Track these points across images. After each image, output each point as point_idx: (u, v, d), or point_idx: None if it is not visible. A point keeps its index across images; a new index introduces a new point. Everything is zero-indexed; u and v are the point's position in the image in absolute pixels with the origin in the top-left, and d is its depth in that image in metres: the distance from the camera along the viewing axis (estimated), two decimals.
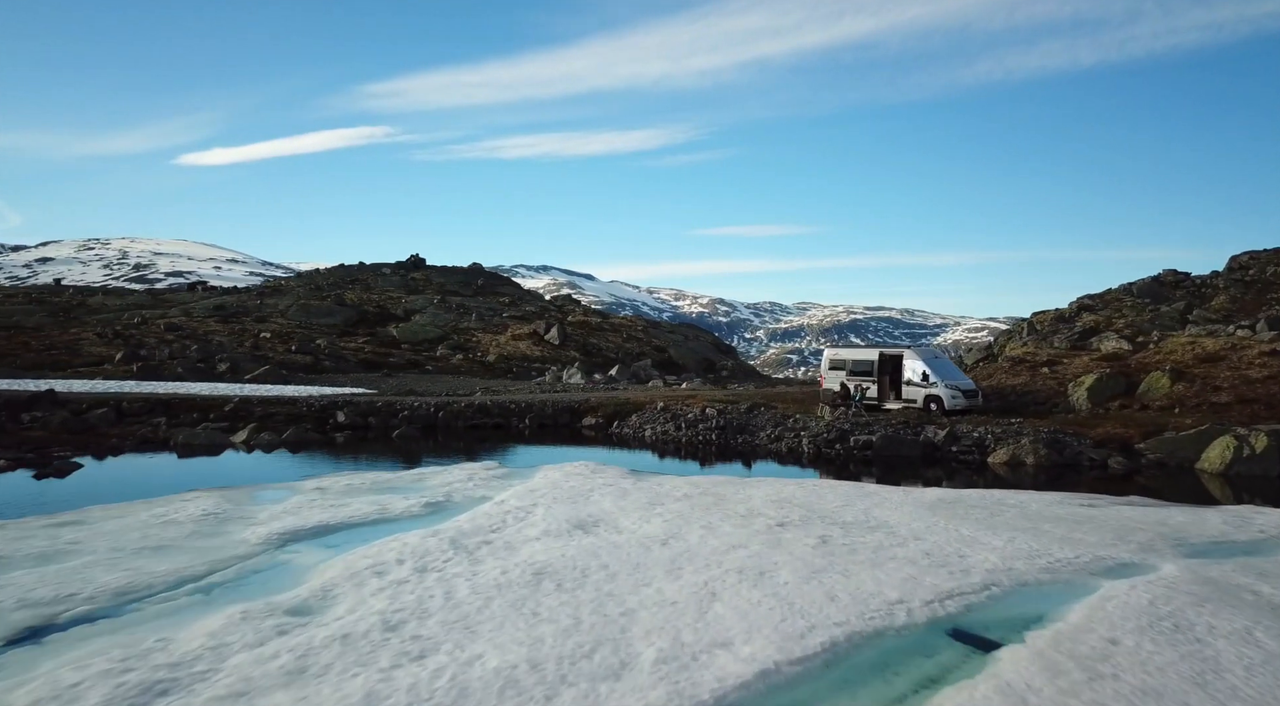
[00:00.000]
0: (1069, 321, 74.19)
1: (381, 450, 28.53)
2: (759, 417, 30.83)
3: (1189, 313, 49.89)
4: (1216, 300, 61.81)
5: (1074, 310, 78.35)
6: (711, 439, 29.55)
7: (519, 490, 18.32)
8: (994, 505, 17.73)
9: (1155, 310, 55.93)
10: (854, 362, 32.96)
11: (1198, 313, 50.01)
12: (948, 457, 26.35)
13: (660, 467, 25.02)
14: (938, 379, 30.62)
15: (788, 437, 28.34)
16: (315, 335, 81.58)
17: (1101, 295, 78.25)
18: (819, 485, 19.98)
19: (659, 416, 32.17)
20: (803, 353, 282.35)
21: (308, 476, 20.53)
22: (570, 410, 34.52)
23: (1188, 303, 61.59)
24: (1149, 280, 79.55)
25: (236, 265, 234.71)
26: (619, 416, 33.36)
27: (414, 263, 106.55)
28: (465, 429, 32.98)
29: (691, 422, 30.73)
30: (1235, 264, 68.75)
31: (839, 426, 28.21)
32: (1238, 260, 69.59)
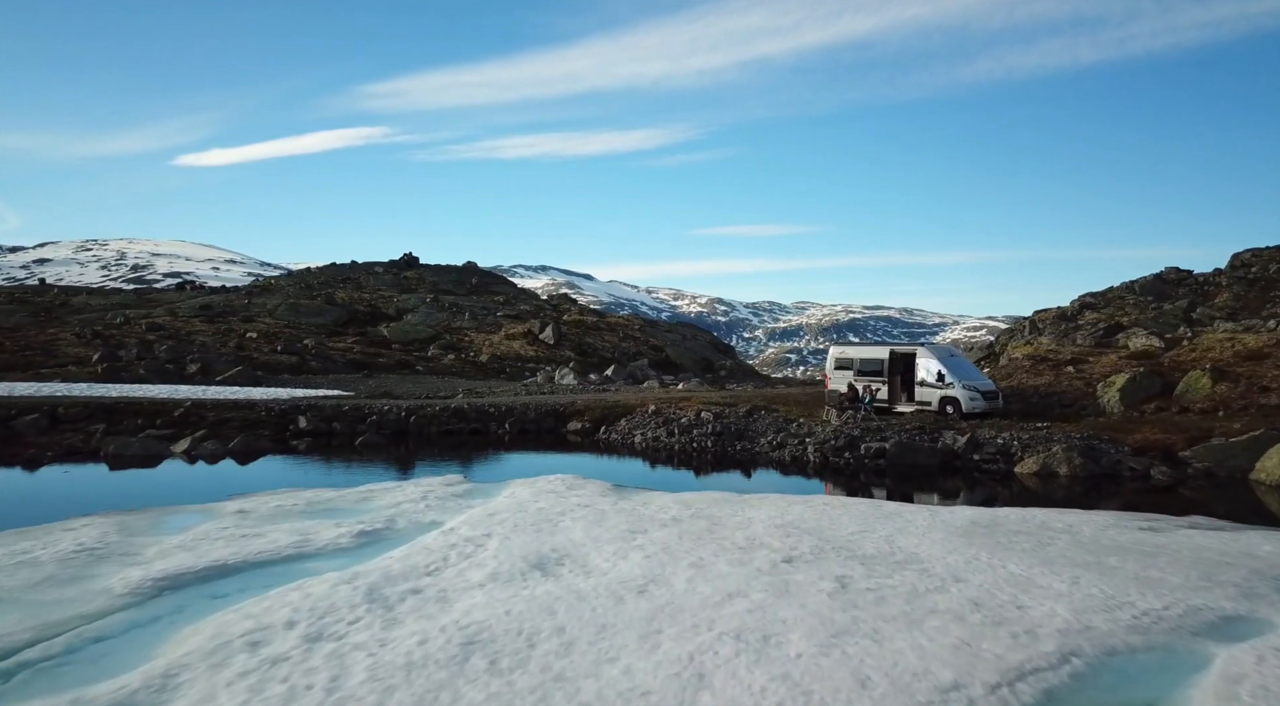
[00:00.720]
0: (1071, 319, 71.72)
1: (341, 460, 25.57)
2: (759, 422, 27.87)
3: (1192, 310, 48.39)
4: (1220, 298, 60.14)
5: (1076, 308, 75.82)
6: (707, 446, 26.57)
7: (477, 514, 15.33)
8: (1039, 530, 14.77)
9: (1158, 308, 52.60)
10: (862, 362, 29.98)
11: (1201, 310, 48.34)
12: (969, 467, 23.39)
13: (648, 480, 22.03)
14: (954, 379, 27.66)
15: (791, 445, 25.36)
16: (303, 335, 78.68)
17: (1103, 293, 76.06)
18: (829, 504, 17.01)
19: (650, 421, 29.20)
20: (801, 352, 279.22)
21: (237, 495, 17.53)
22: (554, 414, 31.55)
23: (1191, 300, 59.90)
24: (1151, 278, 77.56)
25: (235, 266, 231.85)
26: (607, 421, 30.39)
27: (407, 261, 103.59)
28: (439, 435, 30.01)
29: (685, 428, 27.75)
30: (1238, 261, 67.45)
31: (848, 432, 25.24)
32: (1240, 258, 68.31)
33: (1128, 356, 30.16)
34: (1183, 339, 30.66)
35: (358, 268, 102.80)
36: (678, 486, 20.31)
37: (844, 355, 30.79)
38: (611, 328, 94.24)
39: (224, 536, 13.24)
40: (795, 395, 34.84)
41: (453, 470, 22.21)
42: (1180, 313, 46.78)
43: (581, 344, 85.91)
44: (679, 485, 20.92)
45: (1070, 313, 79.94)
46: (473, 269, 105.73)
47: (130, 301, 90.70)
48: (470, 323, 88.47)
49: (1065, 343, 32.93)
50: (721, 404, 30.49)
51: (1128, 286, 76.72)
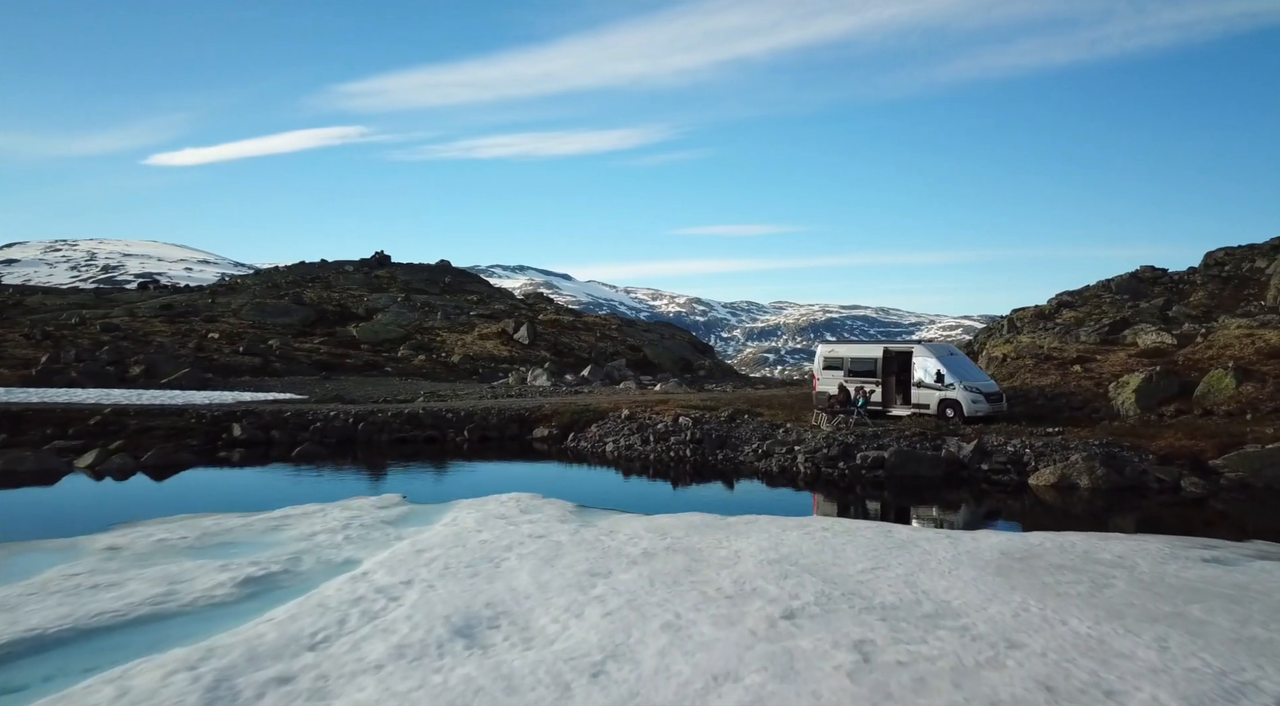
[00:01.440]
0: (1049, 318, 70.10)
1: (272, 474, 22.52)
2: (742, 428, 25.06)
3: (1168, 309, 47.22)
4: (1195, 296, 60.22)
5: (1054, 307, 74.41)
6: (685, 455, 23.70)
7: (403, 549, 12.37)
8: (1086, 564, 12.04)
9: (1135, 306, 51.67)
10: (853, 361, 27.27)
11: (1177, 309, 47.28)
12: (977, 478, 20.70)
13: (618, 497, 19.14)
14: (955, 380, 25.01)
15: (778, 454, 22.55)
16: (269, 336, 75.21)
17: (1080, 292, 74.78)
18: (830, 530, 14.20)
19: (623, 427, 26.31)
20: (779, 352, 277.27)
21: (121, 524, 14.46)
22: (519, 419, 28.58)
23: (1166, 299, 59.24)
24: (1127, 276, 76.78)
25: (208, 266, 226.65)
26: (576, 427, 27.47)
27: (378, 260, 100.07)
28: (390, 443, 26.94)
29: (661, 435, 24.87)
30: (1211, 260, 65.77)
31: (841, 439, 22.49)
32: (1213, 256, 67.26)
33: (1137, 354, 27.64)
34: (1196, 335, 28.17)
35: (327, 266, 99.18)
36: (652, 505, 17.45)
37: (834, 354, 28.04)
38: (588, 327, 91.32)
39: (66, 587, 10.20)
40: (780, 397, 32.11)
41: (394, 487, 19.18)
42: (1157, 311, 45.97)
43: (557, 344, 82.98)
44: (654, 503, 18.06)
45: (1048, 311, 78.70)
46: (446, 268, 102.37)
47: (88, 301, 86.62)
48: (443, 322, 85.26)
49: (1068, 339, 30.38)
50: (701, 407, 27.67)
51: (1104, 285, 75.64)
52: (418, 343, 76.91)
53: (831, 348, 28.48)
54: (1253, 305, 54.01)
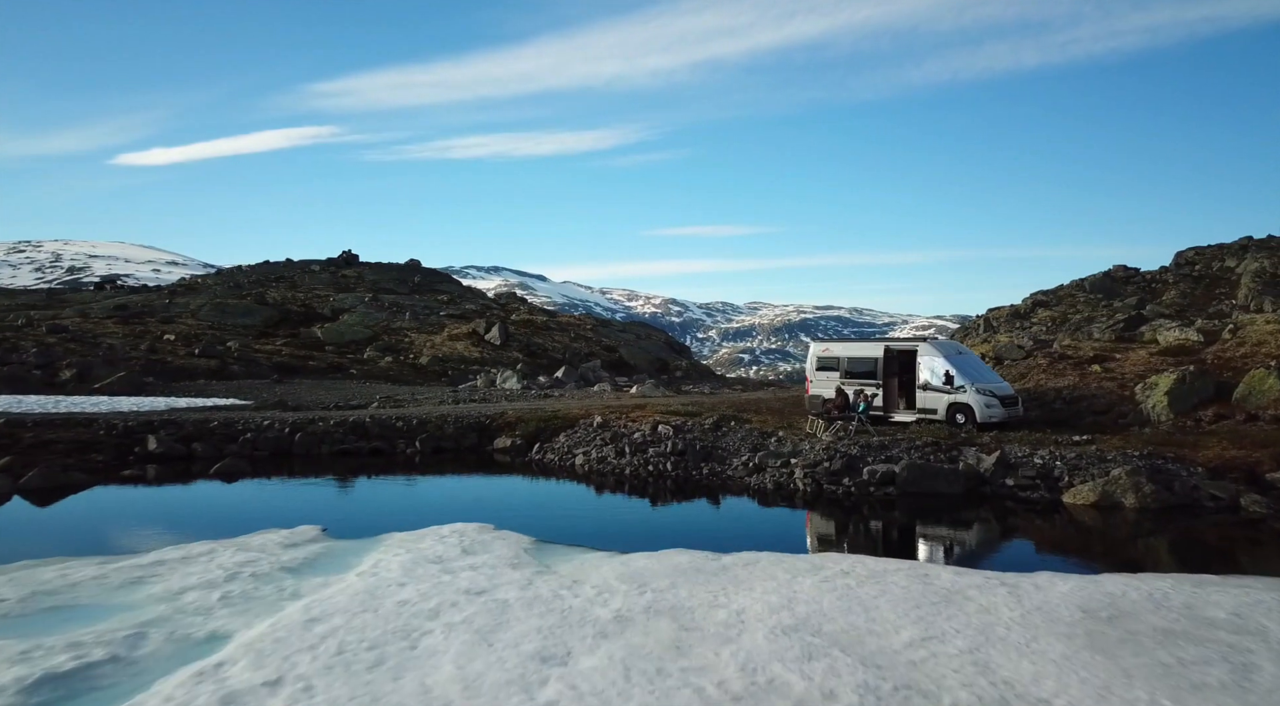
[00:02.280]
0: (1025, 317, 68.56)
1: (180, 495, 19.06)
2: (729, 437, 21.88)
3: (1142, 307, 46.90)
4: (1168, 295, 57.22)
5: (1029, 306, 72.95)
6: (666, 469, 20.46)
7: (292, 617, 9.03)
8: (1197, 627, 9.00)
9: (1109, 305, 51.61)
10: (851, 361, 24.21)
11: (1151, 307, 46.94)
12: (1001, 495, 17.69)
13: (588, 525, 15.88)
14: (965, 382, 22.04)
15: (772, 467, 19.38)
16: (228, 337, 71.22)
17: (1054, 291, 73.25)
18: (850, 572, 11.07)
19: (595, 437, 23.03)
20: (754, 352, 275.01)
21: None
22: (478, 428, 25.21)
23: (1140, 298, 58.86)
24: (1100, 276, 75.88)
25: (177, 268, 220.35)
26: (542, 436, 24.16)
27: (346, 259, 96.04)
28: (331, 456, 23.47)
29: (639, 446, 21.61)
30: (1182, 259, 64.57)
31: (842, 450, 19.38)
32: (1184, 256, 65.13)
33: (1160, 352, 24.85)
34: (1223, 331, 25.43)
35: (293, 266, 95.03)
36: (628, 537, 14.23)
37: (828, 354, 24.95)
38: (563, 327, 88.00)
39: None
40: (767, 401, 29.02)
41: (318, 513, 15.76)
42: (1130, 309, 45.58)
43: (530, 344, 79.59)
44: (630, 533, 14.85)
45: (1024, 310, 77.11)
46: (416, 267, 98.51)
47: (39, 302, 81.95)
48: (411, 323, 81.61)
49: (1080, 336, 27.56)
50: (682, 414, 24.50)
51: (1078, 284, 74.44)
52: (385, 344, 73.37)
53: (826, 346, 25.36)
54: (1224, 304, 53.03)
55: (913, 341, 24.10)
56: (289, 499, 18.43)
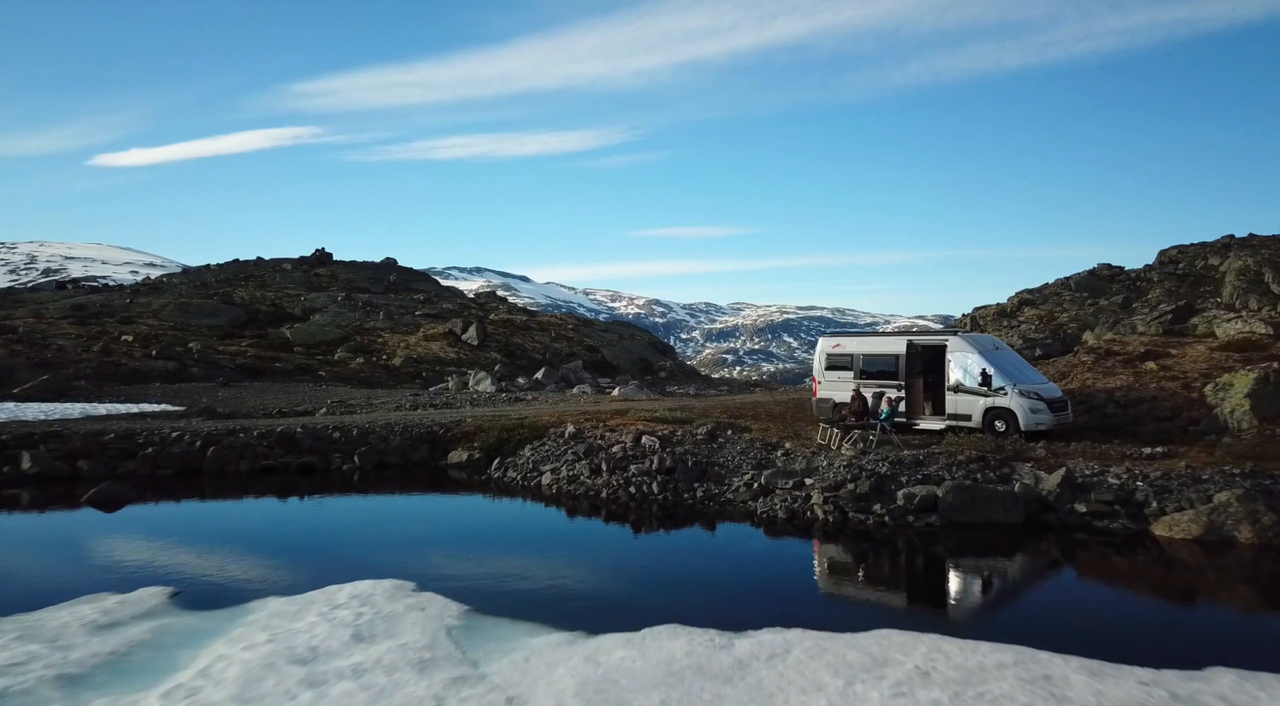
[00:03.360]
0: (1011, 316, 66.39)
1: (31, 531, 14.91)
2: (727, 451, 17.85)
3: (1128, 306, 44.94)
4: (1153, 293, 58.98)
5: (1015, 304, 70.28)
6: (651, 491, 16.42)
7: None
8: None
9: (1095, 304, 50.95)
10: (866, 359, 20.29)
11: (1137, 306, 44.52)
12: (1070, 524, 13.81)
13: (544, 579, 11.79)
14: (1005, 382, 18.17)
15: (783, 489, 15.40)
16: (191, 338, 66.68)
17: (1040, 289, 71.10)
18: (931, 675, 7.14)
19: (565, 450, 18.92)
20: (738, 352, 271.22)
21: None
22: (430, 439, 21.07)
23: (1125, 296, 57.61)
24: (1085, 274, 74.84)
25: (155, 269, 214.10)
26: (505, 449, 20.07)
27: (319, 258, 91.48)
28: (250, 474, 19.25)
29: (619, 462, 17.52)
30: (1165, 258, 64.59)
31: (869, 468, 15.44)
32: (1167, 254, 67.45)
33: (1222, 347, 21.12)
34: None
35: (263, 264, 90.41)
36: (598, 598, 10.25)
37: (840, 351, 20.98)
38: (543, 327, 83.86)
39: None
40: (764, 405, 25.09)
41: (178, 566, 11.63)
42: (1117, 308, 44.34)
43: (509, 345, 75.38)
44: (601, 594, 10.85)
45: (1010, 308, 74.73)
46: (391, 265, 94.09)
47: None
48: (385, 323, 77.27)
49: (1122, 329, 23.81)
50: (670, 421, 20.49)
51: (1063, 283, 72.33)
52: (356, 345, 69.07)
53: (837, 342, 21.33)
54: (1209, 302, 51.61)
55: (941, 334, 20.17)
56: (158, 538, 14.11)
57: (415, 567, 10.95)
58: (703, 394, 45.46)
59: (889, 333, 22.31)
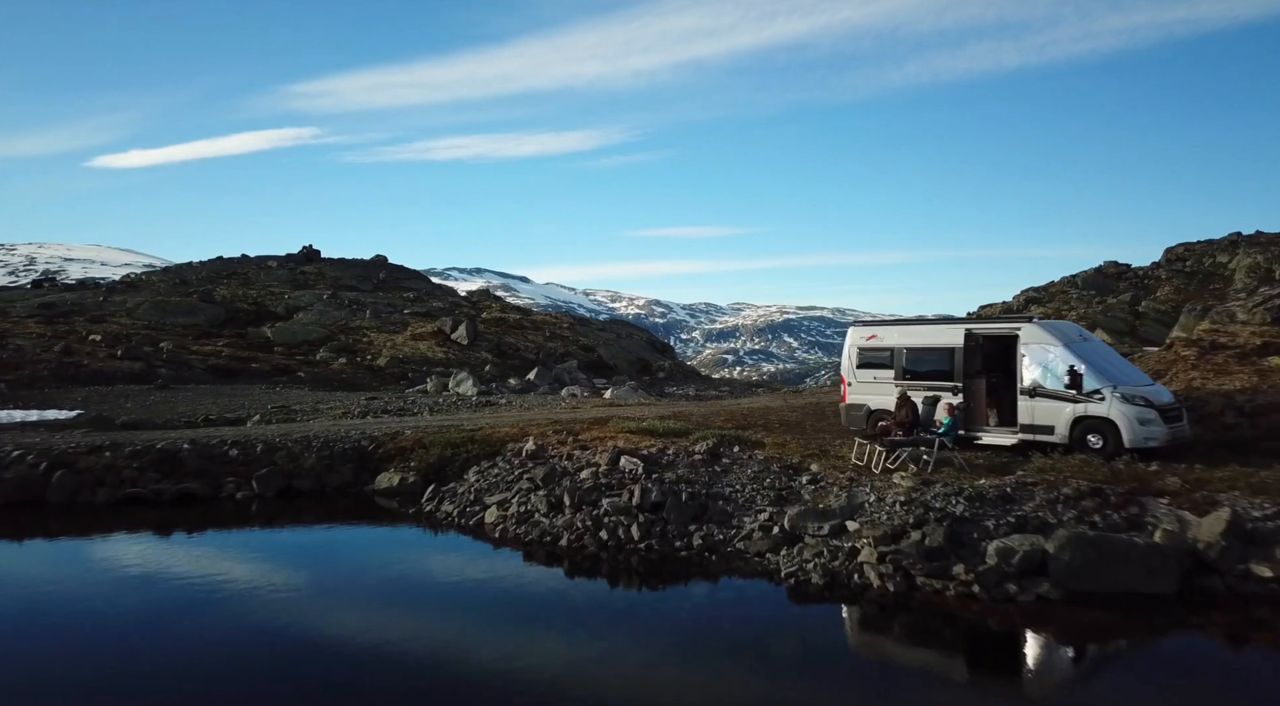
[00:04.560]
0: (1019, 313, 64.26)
1: None
2: (736, 478, 13.01)
3: (1136, 304, 44.96)
4: (1161, 291, 56.31)
5: (1021, 303, 67.24)
6: (630, 536, 11.61)
7: None
8: None
9: (1102, 302, 51.18)
10: (912, 355, 15.50)
11: (1146, 303, 44.89)
12: (1246, 594, 9.10)
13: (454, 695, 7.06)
14: (1103, 383, 13.41)
15: (816, 538, 10.56)
16: (165, 337, 61.96)
17: (1045, 288, 68.17)
18: None
19: (519, 476, 14.06)
20: (738, 353, 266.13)
21: None
22: (357, 456, 16.30)
23: (1134, 294, 55.53)
24: (1092, 272, 72.72)
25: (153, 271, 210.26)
26: (448, 470, 15.29)
27: (306, 255, 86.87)
28: (111, 505, 14.51)
29: (586, 495, 12.64)
30: (1172, 255, 62.42)
31: (937, 506, 10.66)
32: (1173, 252, 62.86)
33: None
34: None
35: (248, 262, 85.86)
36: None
37: (876, 344, 16.14)
38: (536, 326, 79.10)
39: None
40: (777, 410, 20.29)
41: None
42: (1125, 306, 44.13)
43: (501, 344, 70.57)
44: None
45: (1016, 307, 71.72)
46: (381, 263, 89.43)
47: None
48: (372, 322, 72.55)
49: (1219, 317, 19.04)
50: (661, 434, 15.69)
51: (1069, 281, 69.08)
52: (340, 344, 64.37)
53: (873, 333, 16.41)
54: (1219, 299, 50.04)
55: (1009, 321, 15.30)
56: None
57: (244, 672, 6.23)
58: (703, 396, 40.81)
59: (940, 320, 17.43)
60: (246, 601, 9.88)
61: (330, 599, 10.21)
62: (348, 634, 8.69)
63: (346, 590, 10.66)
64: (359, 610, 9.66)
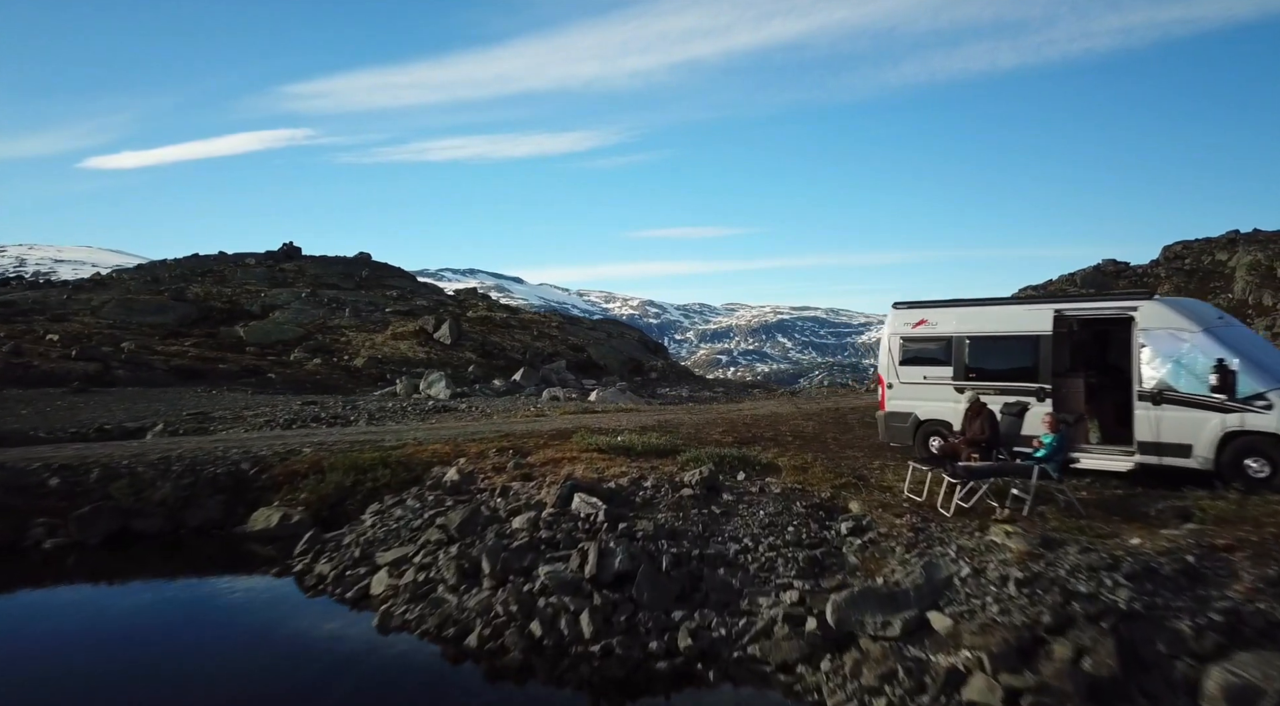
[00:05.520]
0: None
1: None
2: (740, 526, 8.62)
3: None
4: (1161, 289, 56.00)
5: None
6: (578, 629, 7.24)
7: None
8: None
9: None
10: (978, 345, 11.18)
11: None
12: None
13: None
14: (1267, 385, 9.14)
15: (880, 642, 6.19)
16: (129, 336, 57.22)
17: (1044, 285, 66.42)
18: None
19: (431, 515, 9.68)
20: (731, 353, 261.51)
21: None
22: (232, 484, 11.90)
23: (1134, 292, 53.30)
24: (1091, 270, 71.28)
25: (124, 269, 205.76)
26: (347, 504, 10.93)
27: (286, 253, 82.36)
28: None
29: (514, 557, 8.11)
30: (1170, 253, 62.02)
31: (1087, 592, 6.35)
32: (1171, 250, 62.42)
33: None
34: None
35: (225, 259, 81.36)
36: None
37: (928, 332, 11.71)
38: (524, 325, 74.65)
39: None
40: (787, 418, 15.91)
41: None
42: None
43: (485, 344, 66.01)
44: None
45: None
46: (365, 260, 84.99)
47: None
48: (351, 320, 68.06)
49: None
50: (640, 452, 11.30)
51: (1068, 279, 67.71)
52: (316, 344, 59.81)
53: (922, 317, 11.88)
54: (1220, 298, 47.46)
55: (1120, 301, 10.89)
56: None
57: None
58: (696, 398, 36.46)
59: (1017, 299, 13.06)
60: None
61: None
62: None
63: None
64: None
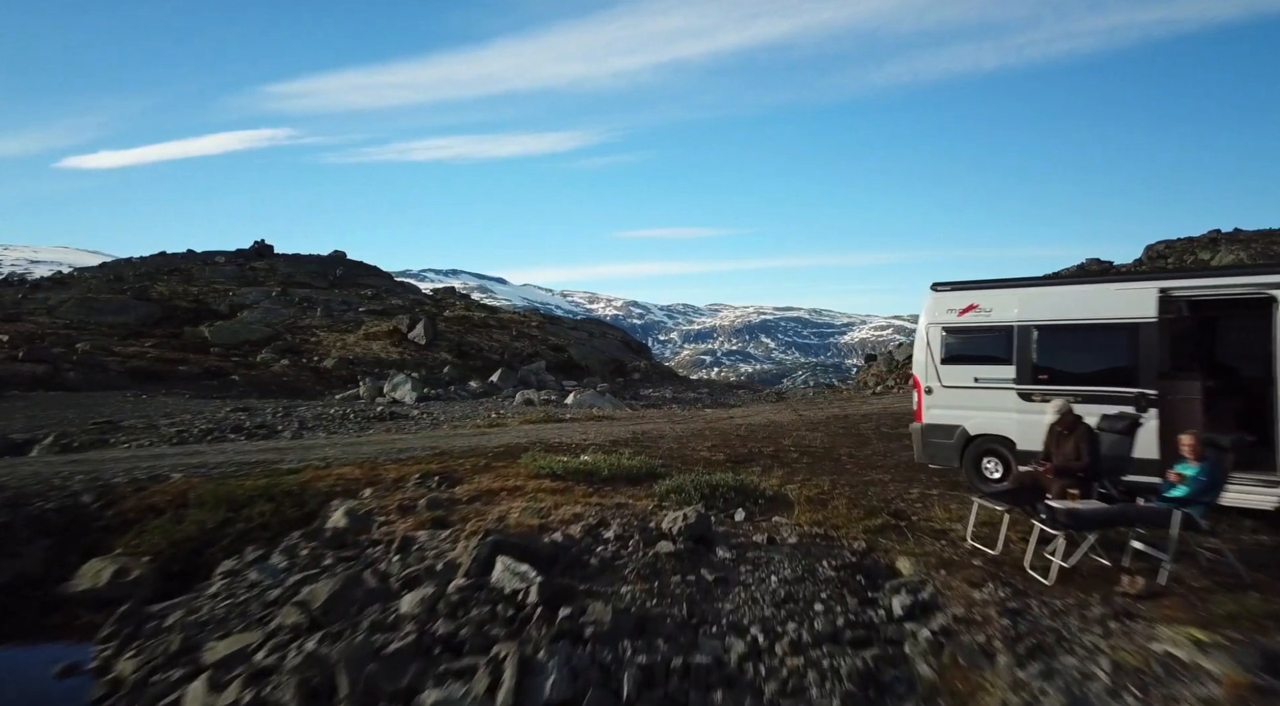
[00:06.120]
0: None
1: None
2: (747, 599, 5.75)
3: None
4: None
5: None
6: None
7: None
8: None
9: None
10: (1051, 336, 8.36)
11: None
12: None
13: None
14: None
15: None
16: (86, 337, 53.48)
17: None
18: None
19: (296, 584, 6.78)
20: (715, 353, 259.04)
21: None
22: (64, 524, 8.91)
23: None
24: (1074, 269, 68.80)
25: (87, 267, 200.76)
26: (209, 553, 8.00)
27: (257, 250, 78.76)
28: None
29: (391, 668, 5.27)
30: (1153, 253, 61.51)
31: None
32: (1154, 249, 61.81)
33: None
34: None
35: (193, 257, 77.69)
36: None
37: (979, 320, 8.83)
38: (502, 324, 71.47)
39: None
40: (789, 427, 13.03)
41: None
42: None
43: (462, 344, 62.70)
44: None
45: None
46: (339, 259, 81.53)
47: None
48: (323, 320, 64.68)
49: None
50: (606, 477, 8.39)
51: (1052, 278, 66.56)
52: (285, 344, 56.37)
53: (970, 300, 8.91)
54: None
55: (1253, 275, 8.06)
56: None
57: None
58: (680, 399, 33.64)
59: (1099, 276, 10.14)
60: None
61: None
62: None
63: None
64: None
